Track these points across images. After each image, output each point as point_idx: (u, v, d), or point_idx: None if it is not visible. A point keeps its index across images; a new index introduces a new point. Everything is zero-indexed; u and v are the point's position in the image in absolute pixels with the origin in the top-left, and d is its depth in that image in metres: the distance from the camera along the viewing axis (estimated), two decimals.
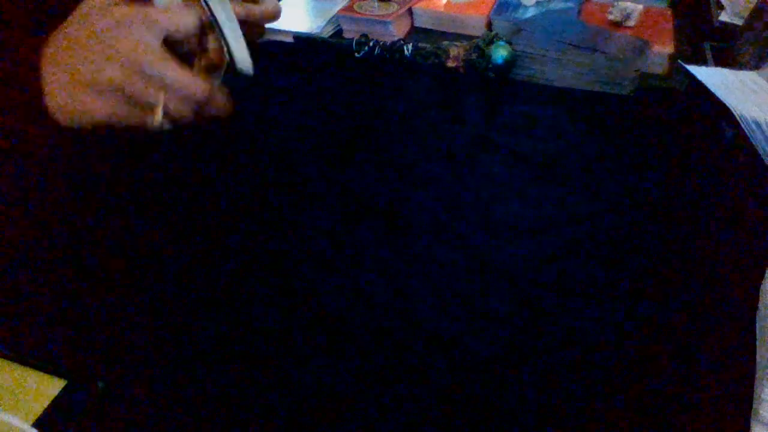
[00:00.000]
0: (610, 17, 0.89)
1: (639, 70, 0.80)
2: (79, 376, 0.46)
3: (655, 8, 0.92)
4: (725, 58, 0.81)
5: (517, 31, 0.89)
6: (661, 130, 0.72)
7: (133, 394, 0.48)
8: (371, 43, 0.87)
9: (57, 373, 0.46)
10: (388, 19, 0.92)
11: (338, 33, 0.98)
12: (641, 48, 0.82)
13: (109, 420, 0.45)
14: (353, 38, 0.89)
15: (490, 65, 0.81)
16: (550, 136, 0.72)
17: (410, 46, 0.86)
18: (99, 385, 0.46)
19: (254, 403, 0.47)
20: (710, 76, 0.74)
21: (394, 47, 0.87)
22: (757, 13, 0.79)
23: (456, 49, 0.83)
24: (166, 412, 0.47)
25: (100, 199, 0.64)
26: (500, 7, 0.94)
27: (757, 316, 0.49)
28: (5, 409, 0.42)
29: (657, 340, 0.50)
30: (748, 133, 0.66)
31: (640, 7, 0.89)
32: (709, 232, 0.59)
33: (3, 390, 0.44)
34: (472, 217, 0.62)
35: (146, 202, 0.66)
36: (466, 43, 0.84)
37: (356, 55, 0.87)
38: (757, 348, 0.47)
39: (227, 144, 0.75)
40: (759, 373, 0.45)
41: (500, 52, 0.81)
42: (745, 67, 0.77)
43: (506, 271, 0.56)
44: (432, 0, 0.97)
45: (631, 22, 0.88)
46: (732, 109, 0.68)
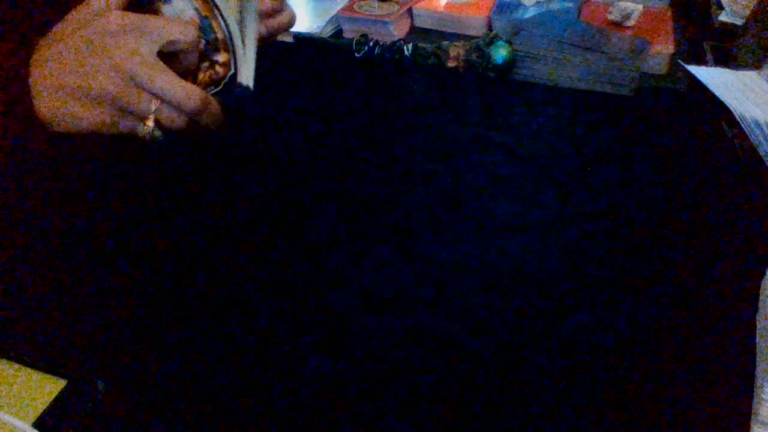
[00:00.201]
0: (610, 17, 0.89)
1: (639, 70, 0.81)
2: (79, 376, 0.46)
3: (655, 8, 0.92)
4: (725, 58, 0.81)
5: (517, 31, 0.89)
6: (661, 130, 0.72)
7: (133, 394, 0.48)
8: (371, 43, 0.87)
9: (57, 373, 0.46)
10: (388, 19, 0.92)
11: (338, 33, 0.98)
12: (641, 48, 0.82)
13: (109, 420, 0.45)
14: (353, 38, 0.89)
15: (490, 65, 0.81)
16: (550, 136, 0.72)
17: (410, 46, 0.86)
18: (99, 385, 0.46)
19: (254, 402, 0.47)
20: (710, 76, 0.74)
21: (394, 47, 0.87)
22: (757, 13, 0.79)
23: (456, 49, 0.83)
24: (166, 412, 0.47)
25: (100, 199, 0.64)
26: (500, 7, 0.94)
27: (757, 316, 0.49)
28: (5, 409, 0.42)
29: (657, 340, 0.50)
30: (748, 133, 0.66)
31: (640, 7, 0.89)
32: (709, 232, 0.59)
33: (3, 390, 0.44)
34: (472, 217, 0.62)
35: (146, 203, 0.66)
36: (466, 43, 0.84)
37: (356, 55, 0.87)
38: (757, 348, 0.47)
39: (226, 144, 0.75)
40: (759, 373, 0.45)
41: (500, 52, 0.81)
42: (745, 67, 0.77)
43: (506, 271, 0.56)
44: (432, 0, 0.97)
45: (631, 22, 0.88)
46: (732, 109, 0.68)
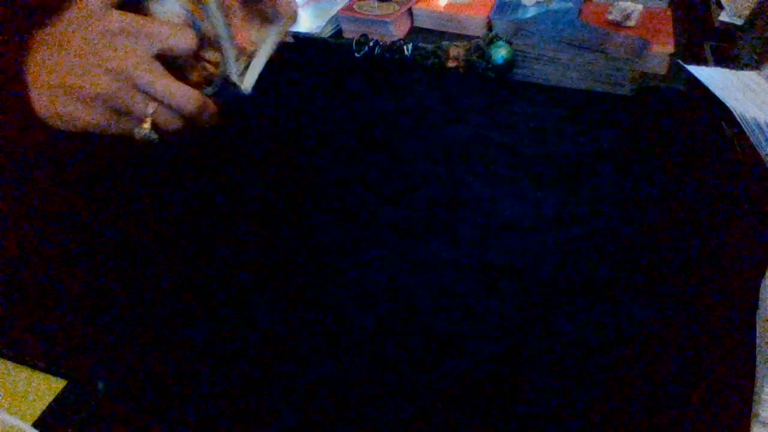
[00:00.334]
0: (610, 17, 0.89)
1: (639, 70, 0.81)
2: (79, 376, 0.46)
3: (655, 8, 0.92)
4: (725, 58, 0.81)
5: (517, 31, 0.89)
6: (661, 130, 0.72)
7: (133, 394, 0.48)
8: (371, 43, 0.87)
9: (57, 373, 0.46)
10: (388, 19, 0.92)
11: (338, 33, 0.98)
12: (641, 48, 0.82)
13: (109, 420, 0.45)
14: (353, 38, 0.89)
15: (490, 65, 0.81)
16: (550, 136, 0.72)
17: (410, 46, 0.86)
18: (99, 385, 0.46)
19: (254, 402, 0.47)
20: (710, 76, 0.74)
21: (394, 47, 0.87)
22: (757, 13, 0.79)
23: (456, 49, 0.83)
24: (166, 412, 0.47)
25: (99, 199, 0.64)
26: (500, 7, 0.94)
27: (757, 316, 0.49)
28: (5, 409, 0.42)
29: (657, 340, 0.50)
30: (748, 133, 0.66)
31: (640, 7, 0.89)
32: (709, 232, 0.59)
33: (3, 390, 0.44)
34: (472, 217, 0.62)
35: (146, 203, 0.66)
36: (466, 43, 0.84)
37: (356, 55, 0.87)
38: (757, 348, 0.47)
39: (226, 144, 0.75)
40: (759, 374, 0.45)
41: (500, 52, 0.81)
42: (745, 67, 0.77)
43: (506, 271, 0.56)
44: (432, 0, 0.97)
45: (631, 22, 0.88)
46: (732, 109, 0.68)
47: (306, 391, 0.47)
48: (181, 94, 0.41)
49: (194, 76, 0.44)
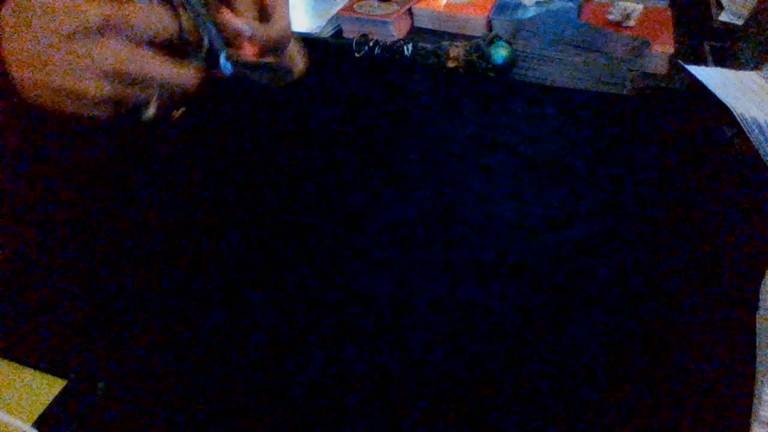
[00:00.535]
0: (610, 17, 0.89)
1: (639, 70, 0.81)
2: (79, 376, 0.46)
3: (655, 8, 0.92)
4: (725, 58, 0.81)
5: (517, 31, 0.89)
6: (661, 130, 0.72)
7: (133, 394, 0.48)
8: (371, 43, 0.87)
9: (57, 373, 0.46)
10: (388, 19, 0.92)
11: (338, 33, 0.98)
12: (641, 48, 0.82)
13: (109, 420, 0.45)
14: (353, 38, 0.89)
15: (490, 65, 0.81)
16: (550, 136, 0.72)
17: (410, 46, 0.86)
18: (99, 385, 0.46)
19: (254, 402, 0.47)
20: (710, 76, 0.74)
21: (394, 47, 0.87)
22: (757, 13, 0.79)
23: (456, 49, 0.83)
24: (166, 412, 0.47)
25: (99, 198, 0.64)
26: (500, 7, 0.94)
27: (757, 316, 0.49)
28: (5, 409, 0.42)
29: (657, 340, 0.50)
30: (748, 133, 0.66)
31: (640, 7, 0.89)
32: (709, 232, 0.59)
33: (3, 390, 0.44)
34: (472, 217, 0.62)
35: (145, 203, 0.66)
36: (466, 43, 0.84)
37: (356, 55, 0.87)
38: (757, 348, 0.48)
39: (225, 143, 0.75)
40: (759, 373, 0.46)
41: (500, 52, 0.81)
42: (745, 67, 0.77)
43: (506, 271, 0.56)
44: (432, 0, 0.97)
45: (631, 22, 0.88)
46: (732, 109, 0.68)
47: (306, 391, 0.47)
48: (180, 74, 0.40)
49: (181, 48, 0.43)
